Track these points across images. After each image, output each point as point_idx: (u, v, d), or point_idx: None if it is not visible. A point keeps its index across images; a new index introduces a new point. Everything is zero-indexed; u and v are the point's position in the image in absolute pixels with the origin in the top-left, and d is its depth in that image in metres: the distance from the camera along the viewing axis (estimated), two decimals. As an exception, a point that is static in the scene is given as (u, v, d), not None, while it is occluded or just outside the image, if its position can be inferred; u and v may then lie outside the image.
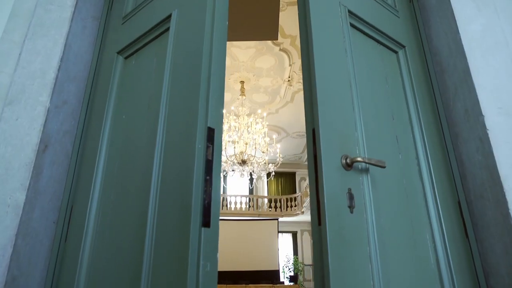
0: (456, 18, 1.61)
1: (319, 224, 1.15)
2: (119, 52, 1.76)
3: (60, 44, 1.59)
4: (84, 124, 1.69)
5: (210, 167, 1.18)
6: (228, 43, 8.50)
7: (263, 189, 17.44)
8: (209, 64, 1.29)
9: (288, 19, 7.67)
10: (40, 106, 1.46)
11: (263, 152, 9.31)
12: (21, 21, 1.61)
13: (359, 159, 1.27)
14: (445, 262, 1.36)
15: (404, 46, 1.79)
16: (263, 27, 2.66)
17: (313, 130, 1.28)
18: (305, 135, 1.38)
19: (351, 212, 1.20)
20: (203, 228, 1.10)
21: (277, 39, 2.73)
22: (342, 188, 1.22)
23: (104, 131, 1.59)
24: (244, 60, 9.30)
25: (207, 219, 1.12)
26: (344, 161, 1.27)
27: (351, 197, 1.23)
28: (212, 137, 1.21)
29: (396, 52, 1.78)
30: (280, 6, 7.65)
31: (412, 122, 1.62)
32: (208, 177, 1.16)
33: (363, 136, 1.41)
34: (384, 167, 1.29)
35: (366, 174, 1.33)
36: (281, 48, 8.74)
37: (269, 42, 8.51)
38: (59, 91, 1.55)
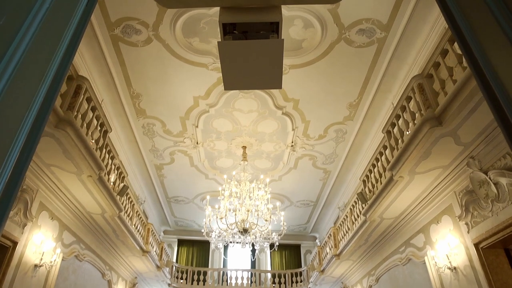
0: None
1: None
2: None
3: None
4: None
5: None
6: (229, 106, 8.45)
7: (266, 262, 16.29)
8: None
9: (291, 82, 7.65)
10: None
11: (266, 221, 8.68)
12: None
13: None
14: None
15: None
16: (267, 76, 2.47)
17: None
18: (310, 204, 0.93)
19: None
20: None
21: (281, 88, 2.52)
22: None
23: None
24: (246, 124, 9.17)
25: None
26: None
27: None
28: None
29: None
30: (283, 69, 7.68)
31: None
32: None
33: None
34: None
35: None
36: (284, 112, 8.64)
37: (272, 105, 8.42)
38: None
